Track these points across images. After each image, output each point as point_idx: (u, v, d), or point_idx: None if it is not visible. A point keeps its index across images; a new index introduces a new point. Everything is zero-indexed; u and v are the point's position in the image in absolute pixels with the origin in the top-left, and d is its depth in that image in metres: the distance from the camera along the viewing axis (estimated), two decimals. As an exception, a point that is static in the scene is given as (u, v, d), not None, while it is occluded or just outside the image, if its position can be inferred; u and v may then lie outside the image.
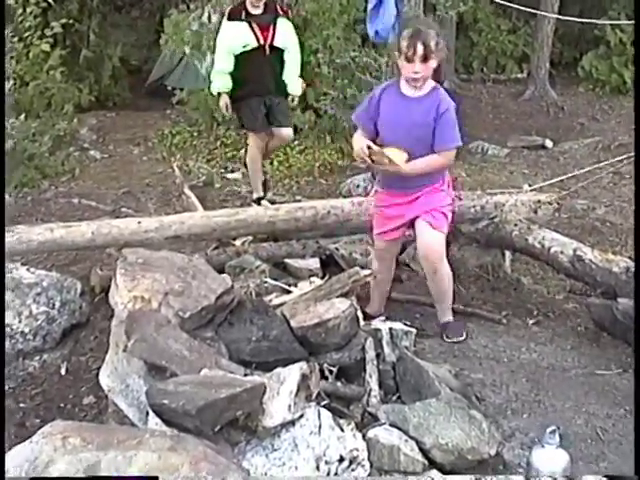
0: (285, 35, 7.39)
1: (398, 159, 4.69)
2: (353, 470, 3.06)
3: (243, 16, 7.24)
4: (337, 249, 5.81)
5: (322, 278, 5.13)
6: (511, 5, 8.76)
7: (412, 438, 3.29)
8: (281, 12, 7.44)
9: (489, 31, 14.36)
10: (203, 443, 2.65)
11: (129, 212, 7.10)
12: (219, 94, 7.43)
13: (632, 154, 7.98)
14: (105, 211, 7.26)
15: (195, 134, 9.92)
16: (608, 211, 7.77)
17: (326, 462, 3.02)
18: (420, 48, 4.53)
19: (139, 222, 5.24)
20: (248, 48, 7.20)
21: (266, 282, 4.95)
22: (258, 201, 7.42)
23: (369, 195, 6.67)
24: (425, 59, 4.58)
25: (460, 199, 5.69)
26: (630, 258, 5.50)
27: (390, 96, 4.83)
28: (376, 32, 6.78)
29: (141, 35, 13.40)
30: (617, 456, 3.85)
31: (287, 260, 5.68)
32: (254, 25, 7.22)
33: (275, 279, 5.08)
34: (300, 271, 5.50)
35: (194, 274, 4.00)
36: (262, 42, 7.24)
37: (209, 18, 9.86)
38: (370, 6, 6.78)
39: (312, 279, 5.01)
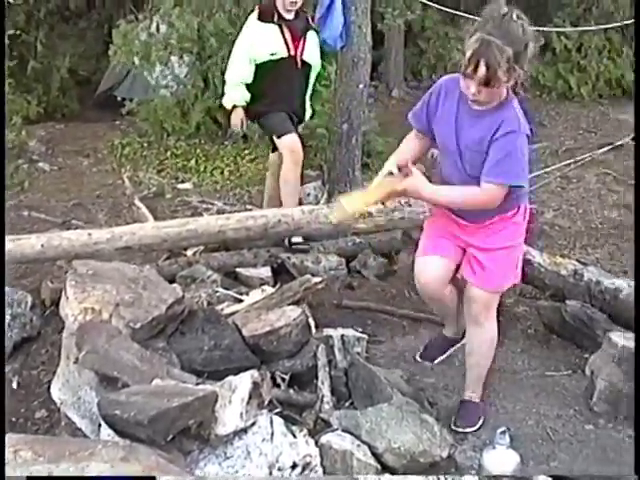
0: (314, 51, 6.53)
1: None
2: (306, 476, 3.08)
3: (275, 18, 6.24)
4: (289, 257, 5.82)
5: (274, 286, 5.14)
6: (459, 13, 8.84)
7: (365, 443, 3.32)
8: (312, 23, 6.54)
9: (437, 39, 14.44)
10: (155, 453, 2.66)
11: (79, 224, 7.04)
12: (233, 107, 6.41)
13: (578, 158, 8.12)
14: (55, 223, 7.19)
15: (145, 145, 9.87)
16: (556, 215, 7.86)
17: (279, 469, 3.04)
18: (482, 70, 3.44)
19: (89, 234, 5.21)
20: (276, 57, 6.25)
21: (217, 291, 4.95)
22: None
23: (319, 204, 6.68)
24: (487, 84, 3.50)
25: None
26: (578, 261, 5.60)
27: (451, 99, 3.81)
28: (324, 41, 6.79)
29: (89, 46, 13.29)
30: (567, 455, 3.92)
31: (238, 269, 5.67)
32: (286, 31, 6.27)
33: (227, 288, 5.08)
34: (251, 280, 5.50)
35: (145, 284, 4.00)
36: (293, 52, 6.33)
37: (157, 28, 9.81)
38: (318, 15, 6.78)
39: (264, 287, 5.03)
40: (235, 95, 6.37)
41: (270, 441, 3.09)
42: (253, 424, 3.11)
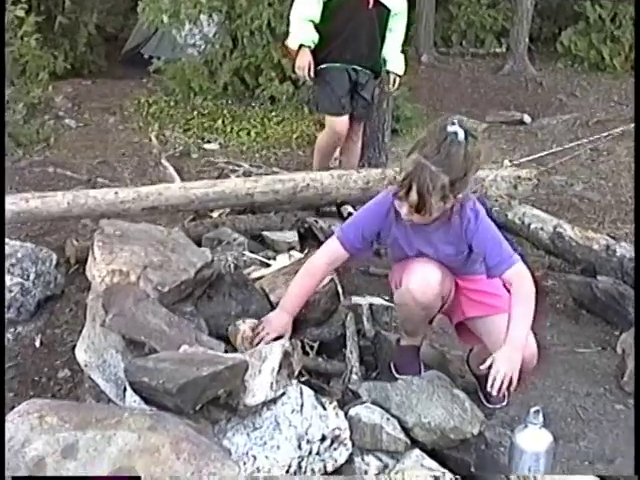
0: None
1: None
2: (335, 449, 3.02)
3: None
4: (316, 221, 5.75)
5: (300, 251, 5.09)
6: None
7: (394, 416, 3.25)
8: None
9: (469, 5, 14.30)
10: (184, 422, 2.60)
11: (105, 182, 7.00)
12: (300, 47, 5.69)
13: (611, 132, 8.00)
14: (80, 181, 7.15)
15: (172, 104, 9.83)
16: (586, 187, 7.77)
17: (308, 441, 2.98)
18: (414, 196, 3.21)
19: (116, 192, 5.16)
20: None
21: (244, 255, 4.89)
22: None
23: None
24: (418, 210, 3.27)
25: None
26: (609, 235, 5.50)
27: (396, 223, 3.52)
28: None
29: (117, 2, 13.24)
30: (597, 435, 3.86)
31: (264, 232, 5.61)
32: None
33: (253, 252, 5.02)
34: (277, 244, 5.44)
35: (173, 247, 3.93)
36: None
37: (187, -14, 9.73)
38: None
39: (291, 252, 4.97)
40: (301, 33, 5.67)
41: (300, 412, 3.03)
42: (282, 395, 3.06)
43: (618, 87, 11.48)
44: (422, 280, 3.52)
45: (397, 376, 3.82)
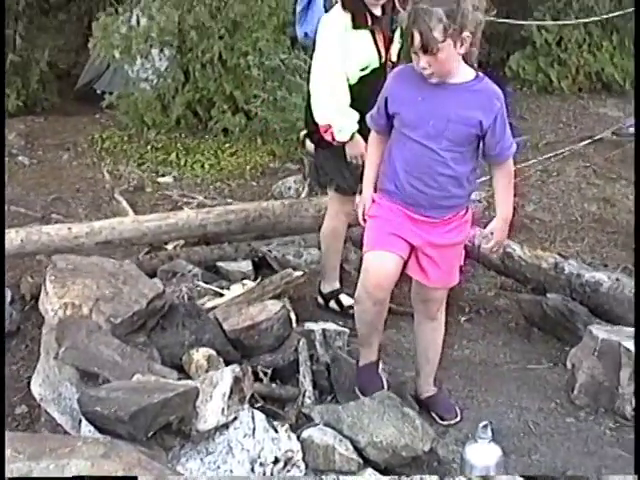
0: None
1: None
2: (288, 471, 3.07)
3: (368, 22, 4.77)
4: (270, 251, 5.79)
5: (255, 280, 5.13)
6: (438, 6, 8.83)
7: (346, 437, 3.31)
8: (400, 8, 4.78)
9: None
10: (137, 449, 2.64)
11: (59, 218, 6.99)
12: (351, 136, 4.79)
13: (559, 152, 8.14)
14: (35, 217, 7.14)
15: (125, 138, 9.79)
16: (537, 208, 7.86)
17: (261, 464, 3.03)
18: (417, 38, 3.39)
19: (69, 228, 5.19)
20: (367, 71, 4.82)
21: (198, 286, 4.93)
22: (330, 297, 5.32)
23: (300, 197, 6.63)
24: (425, 50, 3.41)
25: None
26: (559, 254, 5.60)
27: (412, 81, 3.64)
28: (305, 34, 6.65)
29: (69, 39, 13.18)
30: (549, 448, 3.95)
31: (219, 263, 5.65)
32: (378, 35, 4.85)
33: (207, 282, 5.06)
34: (232, 274, 5.48)
35: (125, 279, 3.98)
36: (384, 59, 4.89)
37: (138, 21, 9.75)
38: (299, 8, 6.68)
39: (244, 281, 5.01)
40: (349, 122, 4.77)
41: (252, 436, 3.08)
42: (235, 419, 3.10)
43: (566, 109, 11.61)
44: (375, 277, 3.82)
45: (444, 423, 4.06)
